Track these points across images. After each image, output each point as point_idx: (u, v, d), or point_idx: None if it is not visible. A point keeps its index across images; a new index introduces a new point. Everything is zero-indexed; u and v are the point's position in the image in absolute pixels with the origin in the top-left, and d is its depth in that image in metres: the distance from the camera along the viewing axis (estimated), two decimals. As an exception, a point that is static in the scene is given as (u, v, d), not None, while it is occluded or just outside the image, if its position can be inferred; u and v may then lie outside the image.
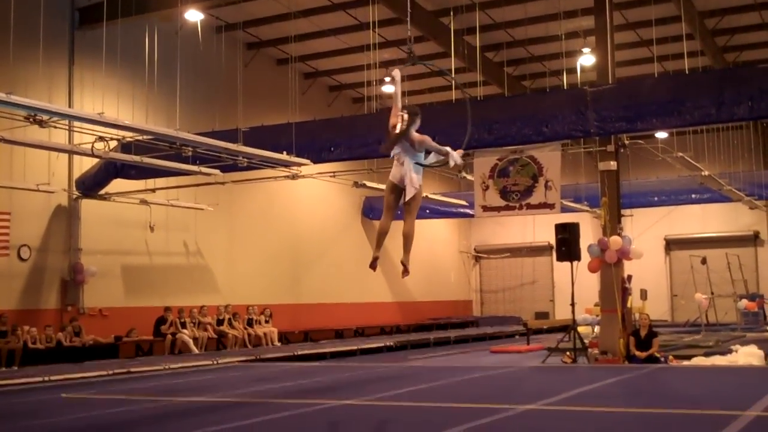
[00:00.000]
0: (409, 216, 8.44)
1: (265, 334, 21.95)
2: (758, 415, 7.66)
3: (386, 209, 8.48)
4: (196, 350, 19.68)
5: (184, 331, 19.77)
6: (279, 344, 22.05)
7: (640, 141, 19.41)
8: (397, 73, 8.66)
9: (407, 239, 8.44)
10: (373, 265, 8.32)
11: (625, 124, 14.29)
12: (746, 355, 14.64)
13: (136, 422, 8.79)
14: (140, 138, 16.04)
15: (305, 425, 8.21)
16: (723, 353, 15.33)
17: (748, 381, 11.30)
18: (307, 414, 8.87)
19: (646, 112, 14.03)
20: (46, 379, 13.67)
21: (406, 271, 8.36)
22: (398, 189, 8.36)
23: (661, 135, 24.06)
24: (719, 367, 13.81)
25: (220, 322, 21.14)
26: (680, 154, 20.48)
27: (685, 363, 14.53)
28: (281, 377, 13.40)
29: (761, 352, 14.77)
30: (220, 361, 16.86)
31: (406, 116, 8.27)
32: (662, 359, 14.45)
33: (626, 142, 17.27)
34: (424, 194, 25.18)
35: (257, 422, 8.32)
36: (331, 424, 8.23)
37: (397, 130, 8.22)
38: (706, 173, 22.18)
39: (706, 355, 15.34)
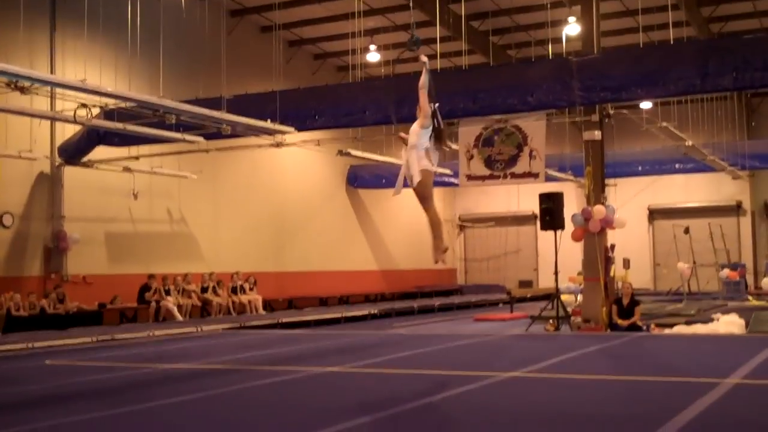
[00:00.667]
0: (426, 203, 8.46)
1: (249, 301, 22.00)
2: (737, 383, 7.75)
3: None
4: (180, 317, 19.72)
5: (169, 298, 19.78)
6: (263, 312, 22.10)
7: (624, 111, 19.43)
8: (425, 58, 8.72)
9: (436, 226, 8.54)
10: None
11: (610, 94, 14.30)
12: (727, 324, 14.79)
13: (120, 389, 8.81)
14: (123, 105, 15.94)
15: (290, 392, 8.26)
16: (704, 322, 15.47)
17: (729, 349, 11.42)
18: (292, 381, 8.92)
19: (630, 82, 14.03)
20: (30, 345, 13.67)
21: (443, 252, 8.45)
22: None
23: (646, 105, 24.10)
24: (700, 335, 13.94)
25: (204, 290, 21.16)
26: (664, 124, 20.53)
27: (667, 331, 14.67)
28: (266, 344, 13.45)
29: (742, 321, 14.92)
30: (204, 329, 16.90)
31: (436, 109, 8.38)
32: (644, 327, 14.58)
33: (611, 111, 17.28)
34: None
35: (241, 389, 8.36)
36: (315, 391, 8.28)
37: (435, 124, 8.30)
38: (690, 143, 22.26)
39: (688, 323, 15.48)
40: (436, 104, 8.39)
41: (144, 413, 7.12)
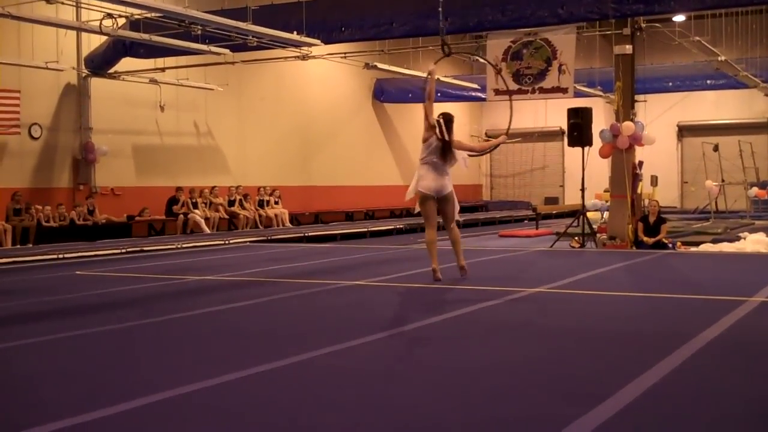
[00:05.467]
0: (451, 221, 9.44)
1: (276, 215, 22.15)
2: (763, 301, 7.74)
3: (429, 220, 9.39)
4: (207, 230, 19.92)
5: (196, 211, 19.96)
6: (290, 226, 22.26)
7: (657, 24, 19.01)
8: (434, 69, 8.98)
9: (456, 244, 9.55)
10: (435, 277, 9.19)
11: (643, 6, 14.01)
12: (754, 243, 14.72)
13: (149, 298, 8.96)
14: (149, 15, 15.83)
15: (316, 303, 8.36)
16: (731, 240, 15.40)
17: (755, 268, 11.37)
18: (318, 293, 9.02)
19: (664, -6, 13.71)
20: (61, 256, 13.90)
21: (465, 271, 9.43)
22: (434, 198, 9.23)
23: (679, 18, 23.57)
24: (727, 253, 13.88)
25: (231, 203, 21.31)
26: (697, 38, 20.09)
27: (693, 249, 14.63)
28: (292, 257, 13.57)
29: (769, 240, 14.84)
30: (231, 241, 17.07)
31: (442, 122, 8.95)
32: (670, 245, 14.54)
33: (643, 25, 16.92)
34: (437, 77, 25.00)
35: (268, 300, 8.47)
36: (341, 303, 8.37)
37: (439, 135, 9.06)
38: (723, 58, 21.81)
39: (714, 242, 15.42)
40: (440, 117, 8.90)
41: (174, 323, 7.23)
